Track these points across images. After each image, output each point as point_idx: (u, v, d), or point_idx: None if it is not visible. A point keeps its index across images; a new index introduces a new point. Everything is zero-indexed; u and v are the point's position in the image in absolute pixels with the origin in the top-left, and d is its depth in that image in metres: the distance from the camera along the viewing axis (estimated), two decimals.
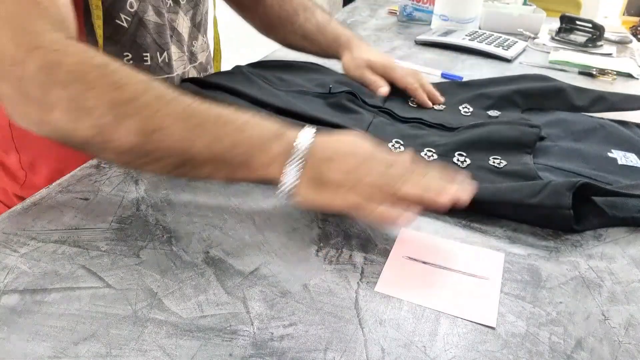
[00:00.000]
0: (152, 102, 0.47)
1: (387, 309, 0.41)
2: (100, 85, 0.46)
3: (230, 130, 0.48)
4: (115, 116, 0.45)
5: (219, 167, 0.48)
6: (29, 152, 0.65)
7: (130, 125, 0.46)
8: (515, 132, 0.66)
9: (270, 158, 0.47)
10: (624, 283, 0.46)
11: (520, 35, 1.29)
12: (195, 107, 0.48)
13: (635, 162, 0.66)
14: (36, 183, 0.67)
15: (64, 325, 0.37)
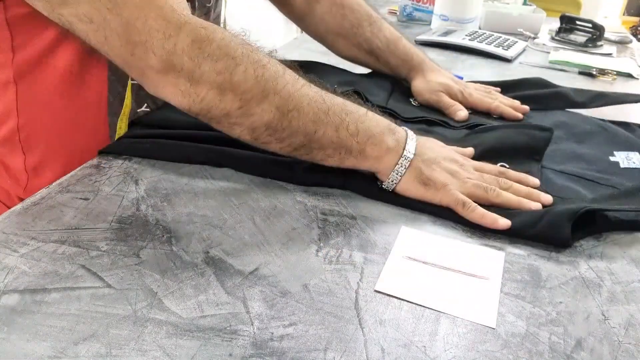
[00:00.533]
0: (291, 82, 0.52)
1: (387, 309, 0.41)
2: (247, 62, 0.50)
3: (352, 119, 0.53)
4: (260, 91, 0.50)
5: (335, 152, 0.53)
6: (35, 154, 0.64)
7: (273, 101, 0.50)
8: (524, 138, 0.65)
9: (383, 150, 0.54)
10: (623, 283, 0.46)
11: (520, 35, 1.29)
12: (325, 93, 0.54)
13: (638, 163, 0.67)
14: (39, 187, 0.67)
15: (64, 325, 0.37)
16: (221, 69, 0.49)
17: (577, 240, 0.51)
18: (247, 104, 0.50)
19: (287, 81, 0.52)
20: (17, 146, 0.64)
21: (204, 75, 0.49)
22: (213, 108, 0.50)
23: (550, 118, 0.78)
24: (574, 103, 0.82)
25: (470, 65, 1.05)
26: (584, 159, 0.66)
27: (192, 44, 0.49)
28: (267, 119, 0.51)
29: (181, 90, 0.50)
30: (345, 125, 0.53)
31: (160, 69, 0.49)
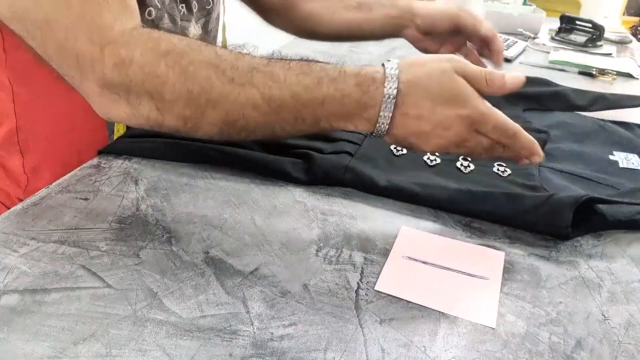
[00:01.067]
0: (227, 90, 0.46)
1: (387, 309, 0.41)
2: (172, 77, 0.46)
3: (311, 110, 0.47)
4: (195, 109, 0.47)
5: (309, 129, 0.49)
6: (33, 156, 0.64)
7: (213, 117, 0.47)
8: None
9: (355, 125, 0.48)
10: (623, 283, 0.46)
11: (520, 35, 1.29)
12: (270, 91, 0.47)
13: (636, 165, 0.67)
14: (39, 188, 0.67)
15: (63, 325, 0.37)
16: (149, 90, 0.47)
17: (576, 237, 0.51)
18: (190, 120, 0.48)
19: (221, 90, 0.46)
20: (16, 148, 0.64)
21: (138, 98, 0.47)
22: (161, 125, 0.49)
23: (550, 117, 0.78)
24: (574, 106, 0.82)
25: None
26: (582, 159, 0.66)
27: (114, 67, 0.46)
28: (217, 130, 0.49)
29: (125, 113, 0.48)
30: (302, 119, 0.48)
31: (100, 93, 0.48)
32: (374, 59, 1.05)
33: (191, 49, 0.47)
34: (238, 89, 0.47)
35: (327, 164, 0.57)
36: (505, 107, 0.77)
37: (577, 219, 0.50)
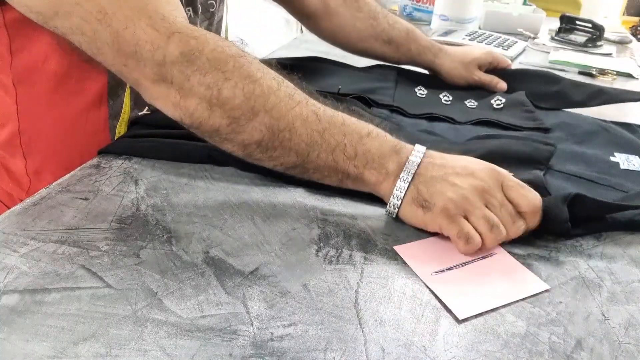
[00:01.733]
0: (284, 100, 0.49)
1: (387, 309, 0.41)
2: (237, 77, 0.48)
3: (352, 140, 0.50)
4: (250, 109, 0.48)
5: (332, 174, 0.51)
6: (36, 158, 0.64)
7: (263, 120, 0.48)
8: (528, 149, 0.64)
9: (383, 175, 0.50)
10: (624, 283, 0.46)
11: (520, 35, 1.29)
12: (322, 111, 0.50)
13: (637, 166, 0.67)
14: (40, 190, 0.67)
15: (63, 325, 0.37)
16: (210, 83, 0.48)
17: (576, 238, 0.51)
18: (236, 122, 0.48)
19: (280, 99, 0.49)
20: (18, 150, 0.64)
21: (192, 88, 0.48)
22: (203, 123, 0.49)
23: (552, 118, 0.77)
24: (573, 102, 0.82)
25: None
26: (584, 160, 0.66)
27: (180, 55, 0.47)
28: (257, 138, 0.49)
29: (172, 102, 0.49)
30: (342, 148, 0.49)
31: (152, 80, 0.49)
32: None
33: (258, 62, 0.51)
34: (295, 103, 0.49)
35: None
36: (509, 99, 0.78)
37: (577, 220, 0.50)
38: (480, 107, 0.79)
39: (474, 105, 0.79)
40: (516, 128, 0.72)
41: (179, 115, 0.50)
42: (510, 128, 0.72)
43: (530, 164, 0.62)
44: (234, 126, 0.49)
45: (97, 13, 0.47)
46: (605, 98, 0.82)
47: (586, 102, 0.82)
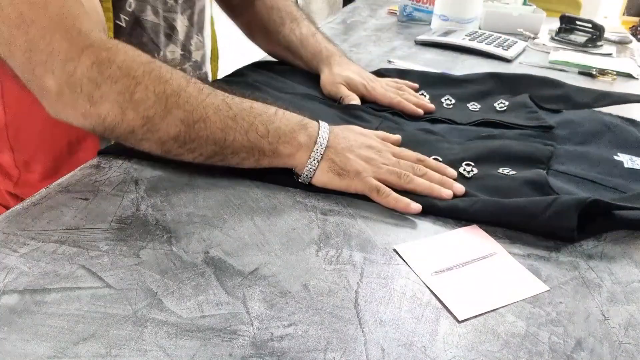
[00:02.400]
0: (194, 94, 0.52)
1: (387, 309, 0.41)
2: (148, 80, 0.51)
3: (262, 120, 0.54)
4: (163, 107, 0.51)
5: (250, 155, 0.54)
6: (23, 151, 0.64)
7: (176, 115, 0.51)
8: (528, 149, 0.64)
9: (295, 147, 0.55)
10: (624, 283, 0.46)
11: (520, 35, 1.29)
12: (231, 100, 0.54)
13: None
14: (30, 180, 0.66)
15: (63, 325, 0.37)
16: (121, 89, 0.50)
17: (578, 240, 0.51)
18: (151, 121, 0.51)
19: (190, 94, 0.52)
20: (6, 144, 0.64)
21: (103, 95, 0.49)
22: (116, 127, 0.51)
23: (555, 117, 0.77)
24: (578, 104, 0.81)
25: (470, 66, 1.05)
26: (587, 160, 0.65)
27: (92, 66, 0.49)
28: (174, 133, 0.51)
29: (81, 112, 0.50)
30: (254, 128, 0.53)
31: (59, 90, 0.50)
32: (374, 58, 1.05)
33: (167, 66, 0.53)
34: (205, 95, 0.53)
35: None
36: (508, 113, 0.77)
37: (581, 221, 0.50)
38: (483, 110, 0.79)
39: (477, 108, 0.79)
40: (518, 127, 0.72)
41: (89, 123, 0.51)
42: (512, 127, 0.72)
43: (531, 163, 0.62)
44: (149, 125, 0.51)
45: (16, 18, 0.48)
46: (610, 100, 0.82)
47: (591, 104, 0.81)
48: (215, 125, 0.52)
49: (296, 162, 0.55)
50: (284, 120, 0.56)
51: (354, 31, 1.26)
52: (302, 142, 0.55)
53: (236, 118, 0.53)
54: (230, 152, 0.53)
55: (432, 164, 0.59)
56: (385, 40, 1.20)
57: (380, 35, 1.24)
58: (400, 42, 1.20)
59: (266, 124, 0.54)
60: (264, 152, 0.54)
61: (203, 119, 0.52)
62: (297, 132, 0.55)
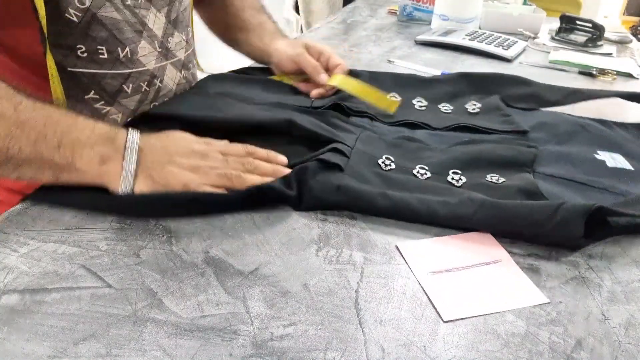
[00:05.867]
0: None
1: (387, 309, 0.41)
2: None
3: (56, 131, 0.48)
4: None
5: (44, 169, 0.48)
6: None
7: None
8: (512, 152, 0.64)
9: (96, 162, 0.49)
10: (624, 283, 0.46)
11: (520, 35, 1.29)
12: (24, 105, 0.48)
13: (623, 164, 0.66)
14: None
15: (64, 325, 0.37)
16: None
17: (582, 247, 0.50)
18: None
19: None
20: None
21: None
22: None
23: (529, 119, 0.77)
24: (549, 102, 0.82)
25: (470, 65, 1.05)
26: (570, 161, 0.65)
27: None
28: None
29: None
30: (43, 138, 0.47)
31: None
32: (374, 58, 1.05)
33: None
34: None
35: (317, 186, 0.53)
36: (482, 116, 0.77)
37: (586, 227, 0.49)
38: (455, 112, 0.77)
39: (449, 110, 0.78)
40: (494, 132, 0.71)
41: None
42: (488, 132, 0.71)
43: (515, 167, 0.62)
44: None
45: None
46: (580, 97, 0.82)
47: (561, 101, 0.82)
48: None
49: (104, 180, 0.49)
50: (85, 130, 0.49)
51: (354, 31, 1.26)
52: (105, 156, 0.49)
53: (24, 126, 0.47)
54: (17, 162, 0.47)
55: (262, 154, 0.57)
56: (385, 40, 1.20)
57: (380, 35, 1.24)
58: (400, 41, 1.20)
59: (61, 134, 0.48)
60: (57, 165, 0.48)
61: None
62: (99, 144, 0.49)
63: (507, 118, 0.75)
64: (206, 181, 0.51)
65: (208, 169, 0.52)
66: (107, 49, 0.61)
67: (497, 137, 0.70)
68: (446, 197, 0.53)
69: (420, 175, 0.60)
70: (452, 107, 0.79)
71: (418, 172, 0.60)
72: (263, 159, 0.56)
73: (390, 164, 0.61)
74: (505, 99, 0.82)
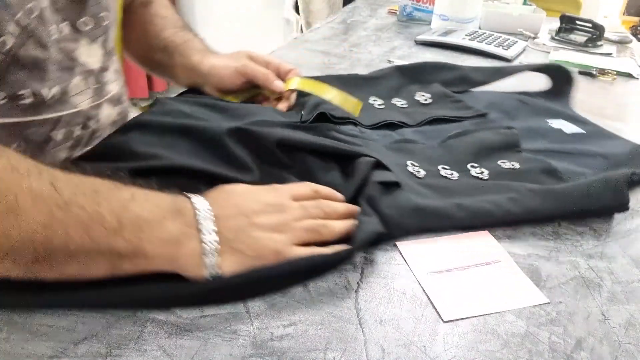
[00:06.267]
0: (3, 176, 0.36)
1: (387, 309, 0.41)
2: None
3: (112, 208, 0.38)
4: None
5: (98, 260, 0.38)
6: None
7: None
8: (499, 137, 0.66)
9: (171, 244, 0.39)
10: (624, 283, 0.46)
11: (520, 35, 1.29)
12: (63, 181, 0.38)
13: (575, 129, 0.72)
14: None
15: (64, 325, 0.37)
16: None
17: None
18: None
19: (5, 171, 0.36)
20: None
21: None
22: None
23: (478, 101, 0.79)
24: (476, 82, 0.85)
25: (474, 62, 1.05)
26: (537, 134, 0.69)
27: None
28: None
29: None
30: (99, 220, 0.37)
31: None
32: (374, 58, 1.05)
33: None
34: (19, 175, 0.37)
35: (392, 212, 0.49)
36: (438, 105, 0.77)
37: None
38: (411, 106, 0.77)
39: (405, 105, 0.77)
40: (459, 119, 0.73)
41: None
42: (454, 120, 0.73)
43: (508, 150, 0.64)
44: None
45: None
46: (504, 74, 0.86)
47: (488, 80, 0.85)
48: (34, 219, 0.35)
49: (180, 264, 0.39)
50: (146, 204, 0.40)
51: (354, 31, 1.26)
52: (179, 234, 0.39)
53: (69, 207, 0.36)
54: (62, 257, 0.37)
55: (327, 192, 0.49)
56: (385, 40, 1.20)
57: (380, 35, 1.24)
58: (400, 41, 1.20)
59: (118, 212, 0.38)
60: (119, 253, 0.38)
61: (12, 209, 0.35)
62: (167, 219, 0.40)
63: (461, 104, 0.77)
64: (296, 239, 0.43)
65: (293, 223, 0.44)
66: (33, 91, 0.49)
67: (468, 123, 0.72)
68: (504, 193, 0.53)
69: (450, 176, 0.58)
70: (405, 101, 0.78)
71: (446, 173, 0.59)
72: (326, 196, 0.49)
73: (419, 170, 0.58)
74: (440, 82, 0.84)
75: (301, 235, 0.44)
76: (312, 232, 0.44)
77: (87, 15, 0.54)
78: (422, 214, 0.49)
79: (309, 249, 0.43)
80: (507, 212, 0.51)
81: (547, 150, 0.65)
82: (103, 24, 0.57)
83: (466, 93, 0.83)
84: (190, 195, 0.42)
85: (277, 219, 0.44)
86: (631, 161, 0.61)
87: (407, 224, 0.49)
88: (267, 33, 2.48)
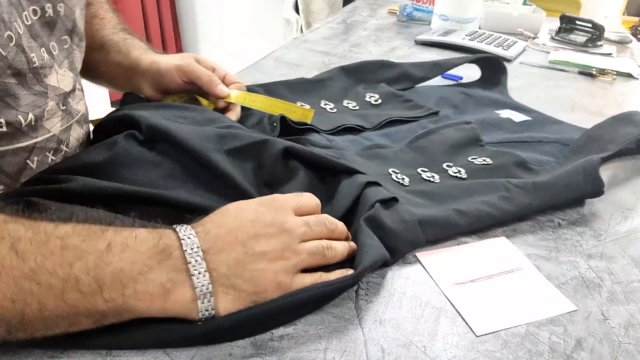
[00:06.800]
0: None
1: (387, 309, 0.41)
2: None
3: (85, 268, 0.34)
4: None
5: (78, 319, 0.34)
6: None
7: None
8: (462, 132, 0.67)
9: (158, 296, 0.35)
10: (624, 283, 0.46)
11: (520, 35, 1.29)
12: (27, 243, 0.33)
13: (522, 117, 0.74)
14: None
15: None
16: None
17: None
18: None
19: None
20: None
21: None
22: None
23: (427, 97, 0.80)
24: (417, 79, 0.86)
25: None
26: (490, 125, 0.70)
27: None
28: None
29: None
30: (73, 284, 0.33)
31: None
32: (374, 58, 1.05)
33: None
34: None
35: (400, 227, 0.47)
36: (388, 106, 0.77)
37: None
38: (362, 107, 0.76)
39: (356, 107, 0.76)
40: (414, 119, 0.74)
41: None
42: (410, 120, 0.73)
43: (473, 145, 0.65)
44: None
45: None
46: (442, 68, 0.88)
47: (429, 75, 0.87)
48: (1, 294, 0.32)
49: (174, 312, 0.36)
50: (126, 253, 0.35)
51: (354, 31, 1.26)
52: (168, 283, 0.35)
53: (37, 275, 0.33)
54: (39, 325, 0.34)
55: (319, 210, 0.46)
56: (385, 40, 1.20)
57: (380, 35, 1.24)
58: (400, 42, 1.20)
59: (95, 270, 0.34)
60: (104, 314, 0.34)
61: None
62: (154, 269, 0.35)
63: (412, 103, 0.78)
64: (300, 265, 0.40)
65: (296, 246, 0.40)
66: (7, 120, 0.46)
67: (425, 122, 0.73)
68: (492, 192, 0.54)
69: (432, 179, 0.58)
70: (355, 103, 0.77)
71: (427, 176, 0.58)
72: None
73: (403, 178, 0.57)
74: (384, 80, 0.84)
75: (305, 259, 0.40)
76: (316, 255, 0.41)
77: (55, 39, 0.51)
78: (428, 225, 0.48)
79: (314, 276, 0.40)
80: (505, 212, 0.52)
81: (506, 142, 0.66)
82: (65, 47, 0.53)
83: (411, 90, 0.84)
84: (177, 228, 0.38)
85: (278, 243, 0.39)
86: (588, 146, 0.63)
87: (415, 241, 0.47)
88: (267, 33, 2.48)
